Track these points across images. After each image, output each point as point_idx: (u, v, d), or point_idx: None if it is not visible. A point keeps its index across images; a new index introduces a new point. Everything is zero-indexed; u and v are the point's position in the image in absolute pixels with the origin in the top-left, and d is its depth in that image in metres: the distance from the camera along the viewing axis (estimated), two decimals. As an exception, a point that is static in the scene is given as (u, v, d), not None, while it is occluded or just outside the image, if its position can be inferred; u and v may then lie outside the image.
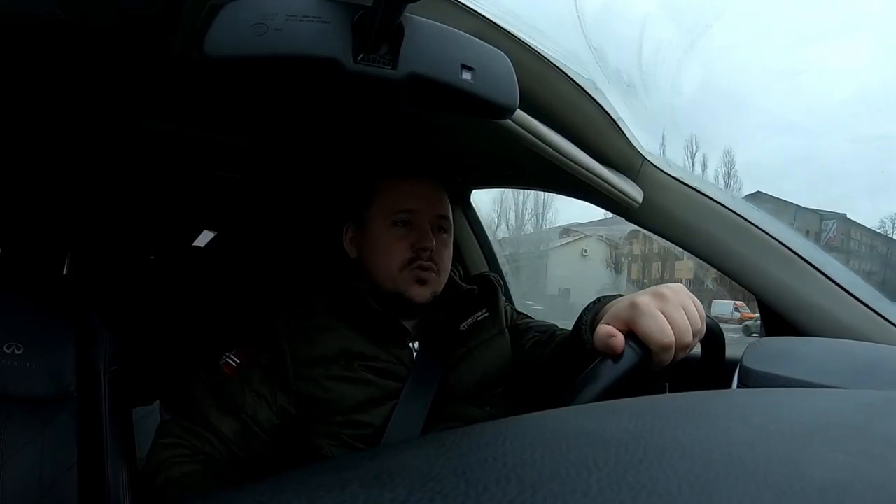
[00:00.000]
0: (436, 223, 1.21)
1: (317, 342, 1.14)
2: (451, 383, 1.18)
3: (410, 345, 1.20)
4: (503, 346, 1.28)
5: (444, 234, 1.24)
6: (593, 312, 0.93)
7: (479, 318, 1.27)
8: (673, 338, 0.77)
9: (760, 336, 1.26)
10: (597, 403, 0.60)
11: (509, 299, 1.62)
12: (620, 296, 0.91)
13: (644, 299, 0.80)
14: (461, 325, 1.25)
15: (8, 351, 1.13)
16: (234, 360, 1.15)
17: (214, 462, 1.08)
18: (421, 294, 1.18)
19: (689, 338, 0.79)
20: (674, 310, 0.79)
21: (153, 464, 1.08)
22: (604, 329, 0.80)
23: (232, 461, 1.10)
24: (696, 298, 0.84)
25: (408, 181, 1.23)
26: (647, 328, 0.78)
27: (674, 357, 0.79)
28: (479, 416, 1.18)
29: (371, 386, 1.12)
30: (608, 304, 0.88)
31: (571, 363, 0.90)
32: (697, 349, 0.94)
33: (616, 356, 0.77)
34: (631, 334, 0.79)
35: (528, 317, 1.39)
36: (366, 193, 1.24)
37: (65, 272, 2.30)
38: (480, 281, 1.35)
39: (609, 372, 0.76)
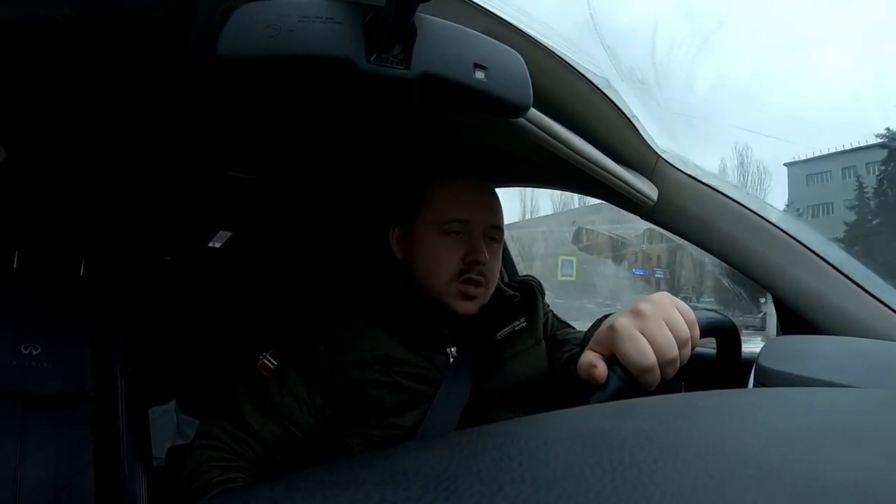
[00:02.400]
0: (488, 233, 1.18)
1: (353, 346, 1.12)
2: (483, 392, 1.16)
3: (448, 350, 1.17)
4: (538, 357, 1.24)
5: (496, 245, 1.20)
6: (595, 331, 0.88)
7: (516, 328, 1.23)
8: (653, 359, 0.75)
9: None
10: (612, 403, 0.60)
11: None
12: None
13: (622, 321, 0.78)
14: (497, 335, 1.21)
15: (25, 351, 1.15)
16: (271, 362, 1.14)
17: (252, 467, 1.08)
18: (467, 308, 1.15)
19: (673, 353, 0.76)
20: (654, 326, 0.77)
21: (190, 465, 1.07)
22: (586, 358, 0.79)
23: (270, 463, 1.09)
24: (683, 305, 0.81)
25: (460, 187, 1.19)
26: (626, 351, 0.75)
27: (664, 374, 0.77)
28: None
29: (406, 391, 1.11)
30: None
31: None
32: (712, 349, 0.93)
33: (600, 386, 0.76)
34: (614, 359, 0.77)
35: (570, 326, 1.37)
36: (415, 195, 1.21)
37: (81, 273, 2.33)
38: (522, 286, 1.31)
39: (596, 401, 0.75)
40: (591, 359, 0.78)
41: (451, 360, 1.17)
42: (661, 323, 0.77)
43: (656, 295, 0.82)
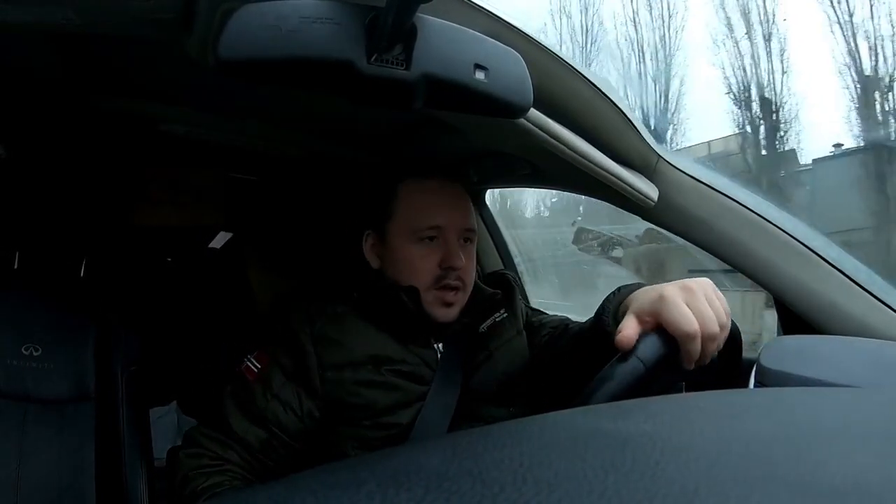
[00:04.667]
0: (462, 236, 1.17)
1: (345, 346, 1.11)
2: (473, 386, 1.16)
3: (435, 345, 1.17)
4: (522, 346, 1.25)
5: (470, 246, 1.19)
6: (616, 303, 0.92)
7: (497, 319, 1.24)
8: (698, 327, 0.77)
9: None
10: (613, 403, 0.60)
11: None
12: (642, 284, 0.92)
13: (671, 290, 0.81)
14: (481, 327, 1.22)
15: (26, 352, 1.14)
16: (255, 365, 1.13)
17: (238, 469, 1.07)
18: (446, 315, 1.15)
19: (715, 328, 0.79)
20: (699, 302, 0.79)
21: (179, 475, 1.07)
22: (628, 321, 0.81)
23: (259, 469, 1.09)
24: (721, 295, 0.84)
25: (431, 190, 1.18)
26: (672, 317, 0.78)
27: (704, 350, 0.79)
28: (502, 416, 1.16)
29: (399, 390, 1.10)
30: (631, 294, 0.88)
31: (594, 355, 0.88)
32: None
33: (643, 349, 0.78)
34: (658, 327, 0.80)
35: (542, 312, 1.38)
36: (386, 201, 1.20)
37: (82, 274, 2.32)
38: (497, 279, 1.32)
39: (631, 370, 0.76)
40: (633, 322, 0.81)
41: (439, 355, 1.17)
42: (706, 301, 0.80)
43: (701, 279, 0.85)
